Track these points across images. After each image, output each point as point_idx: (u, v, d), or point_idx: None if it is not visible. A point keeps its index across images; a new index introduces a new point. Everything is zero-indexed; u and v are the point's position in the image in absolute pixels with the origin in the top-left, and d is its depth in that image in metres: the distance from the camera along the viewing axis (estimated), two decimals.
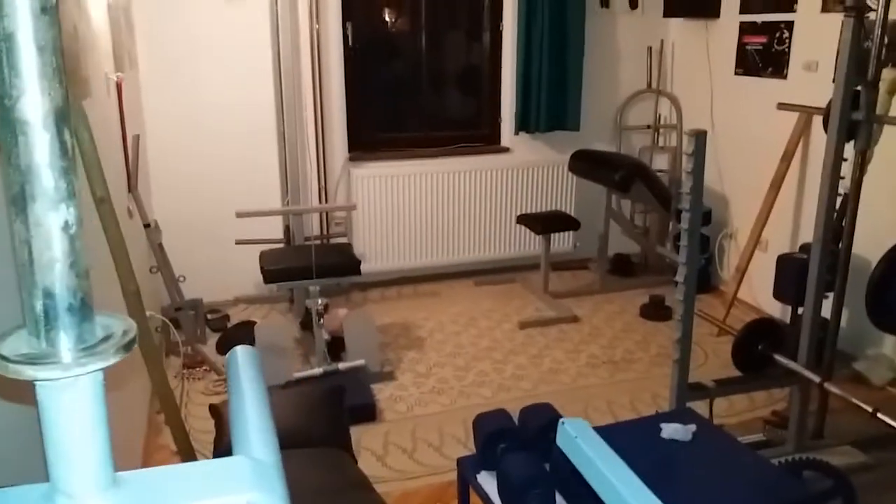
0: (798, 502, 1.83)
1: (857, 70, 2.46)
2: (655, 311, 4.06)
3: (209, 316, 3.89)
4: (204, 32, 3.86)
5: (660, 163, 4.85)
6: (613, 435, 2.09)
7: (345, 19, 4.16)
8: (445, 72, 4.68)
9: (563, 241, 4.68)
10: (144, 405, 2.91)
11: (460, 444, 2.78)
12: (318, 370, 3.12)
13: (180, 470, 0.69)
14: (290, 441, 1.90)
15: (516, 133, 4.55)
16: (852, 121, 2.53)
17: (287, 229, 3.99)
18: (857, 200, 2.65)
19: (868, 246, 3.12)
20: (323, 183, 4.25)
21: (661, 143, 4.88)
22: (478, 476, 1.89)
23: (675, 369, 2.43)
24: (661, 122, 4.85)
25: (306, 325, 3.59)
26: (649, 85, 4.78)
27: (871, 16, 2.51)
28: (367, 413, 2.94)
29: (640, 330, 3.93)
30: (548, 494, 1.69)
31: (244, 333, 3.41)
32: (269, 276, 3.15)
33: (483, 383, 3.31)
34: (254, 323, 3.26)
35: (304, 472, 1.61)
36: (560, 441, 0.82)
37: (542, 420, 1.96)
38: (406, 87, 4.60)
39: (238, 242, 3.94)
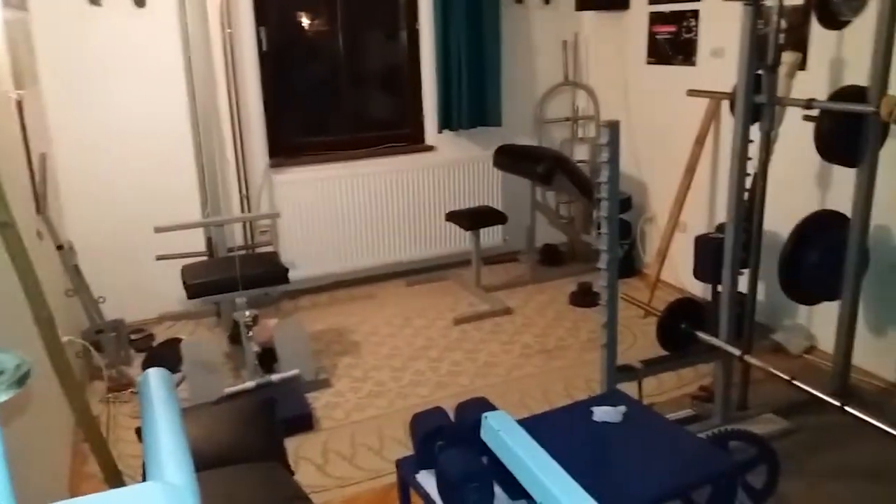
0: (725, 472, 1.90)
1: (758, 55, 2.58)
2: (584, 297, 4.15)
3: (133, 336, 3.75)
4: (110, 44, 3.71)
5: (580, 154, 4.96)
6: (547, 422, 2.14)
7: (258, 24, 4.08)
8: (365, 73, 4.65)
9: (492, 236, 4.72)
10: (69, 434, 2.79)
11: (401, 446, 2.78)
12: (250, 384, 3.05)
13: (90, 501, 0.66)
14: (222, 459, 1.85)
15: (440, 131, 4.57)
16: (756, 104, 2.65)
17: (209, 241, 3.88)
18: (765, 179, 2.77)
19: (780, 222, 3.28)
20: (245, 191, 4.16)
21: (580, 135, 4.98)
22: (417, 476, 1.89)
23: (604, 353, 2.49)
24: (579, 113, 4.96)
25: (235, 338, 3.50)
26: (566, 78, 4.88)
27: (769, 2, 2.63)
28: (304, 423, 2.90)
29: (570, 317, 4.02)
30: (485, 487, 1.70)
31: (170, 352, 3.30)
32: (193, 290, 3.06)
33: (420, 382, 3.31)
34: (180, 340, 3.15)
35: (238, 490, 1.57)
36: (484, 435, 0.82)
37: (478, 414, 1.96)
38: (326, 90, 4.55)
39: (159, 258, 3.82)
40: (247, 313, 3.08)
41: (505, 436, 0.75)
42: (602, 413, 2.09)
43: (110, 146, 3.82)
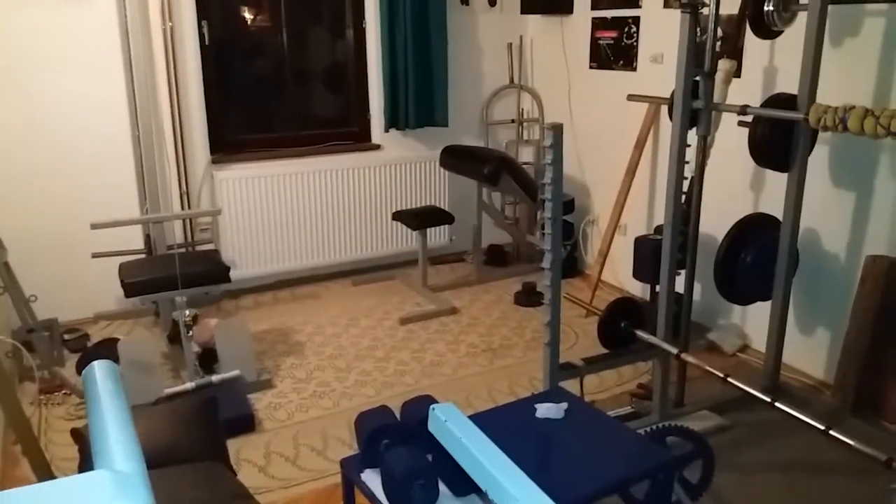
0: (662, 467, 1.96)
1: (696, 62, 2.67)
2: (528, 297, 4.21)
3: (66, 336, 3.62)
4: (43, 35, 3.57)
5: (525, 155, 5.02)
6: (492, 419, 2.16)
7: (200, 18, 3.99)
8: (311, 70, 4.61)
9: (439, 236, 4.74)
10: None
11: (345, 446, 2.76)
12: (189, 385, 2.98)
13: (38, 490, 0.64)
14: (162, 459, 1.81)
15: (386, 130, 4.55)
16: (693, 109, 2.73)
17: (148, 238, 3.78)
18: (701, 183, 2.86)
19: (716, 225, 3.39)
20: (185, 188, 4.06)
21: (525, 137, 5.05)
22: (362, 475, 1.88)
23: (547, 352, 2.53)
24: (525, 116, 5.02)
25: (174, 338, 3.42)
26: (511, 80, 4.94)
27: (706, 11, 2.72)
28: (246, 424, 2.85)
29: (515, 316, 4.06)
30: (430, 484, 1.71)
31: (106, 352, 3.19)
32: (130, 289, 2.97)
33: (366, 383, 3.29)
34: (116, 340, 3.06)
35: (179, 490, 1.53)
36: (431, 426, 0.83)
37: (423, 413, 1.96)
38: (270, 87, 4.48)
39: (95, 256, 3.69)
40: (186, 313, 3.01)
41: (452, 426, 0.76)
42: (544, 410, 2.13)
43: (44, 141, 3.67)
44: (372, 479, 1.85)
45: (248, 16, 4.33)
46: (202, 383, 3.01)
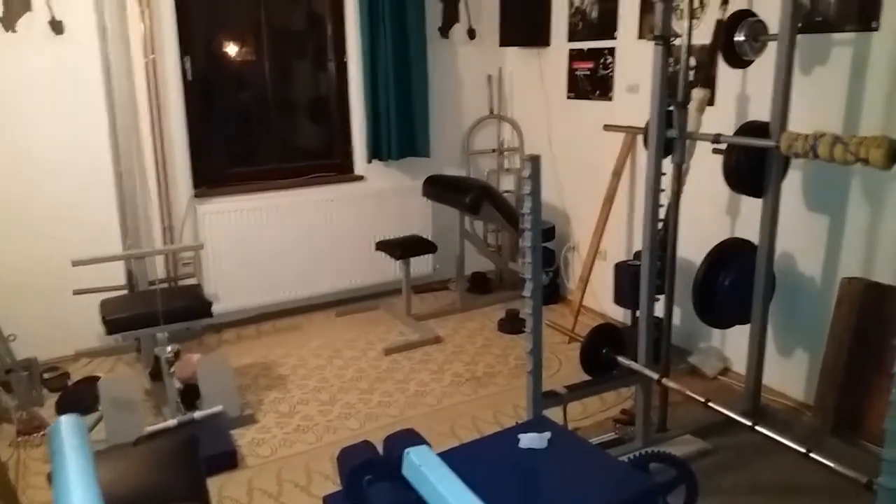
0: (645, 494, 1.97)
1: (669, 92, 2.73)
2: (511, 324, 4.22)
3: (46, 375, 3.57)
4: (26, 71, 3.58)
5: (506, 184, 5.08)
6: (475, 451, 2.16)
7: (182, 53, 4.03)
8: (294, 103, 4.65)
9: (422, 265, 4.75)
10: None
11: (329, 481, 2.74)
12: (172, 422, 2.96)
13: None
14: (143, 502, 1.79)
15: (369, 161, 4.59)
16: (668, 138, 2.79)
17: (130, 274, 3.76)
18: (677, 210, 2.91)
19: (693, 250, 3.43)
20: (167, 223, 4.06)
21: (506, 166, 5.11)
22: None
23: (530, 380, 2.54)
24: (505, 145, 5.09)
25: (156, 374, 3.39)
26: (491, 111, 5.01)
27: (679, 42, 2.80)
28: (228, 461, 2.82)
29: (499, 344, 4.07)
30: None
31: (87, 390, 3.16)
32: (112, 325, 2.96)
33: (349, 415, 3.28)
34: (97, 378, 3.03)
35: None
36: (406, 471, 0.84)
37: (407, 447, 1.97)
38: (253, 121, 4.52)
39: (76, 293, 3.67)
40: (168, 349, 2.99)
41: (426, 471, 0.77)
42: (528, 440, 2.13)
43: (25, 176, 3.66)
44: None
45: (230, 51, 4.38)
46: (184, 420, 2.98)
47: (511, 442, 2.15)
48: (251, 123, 4.51)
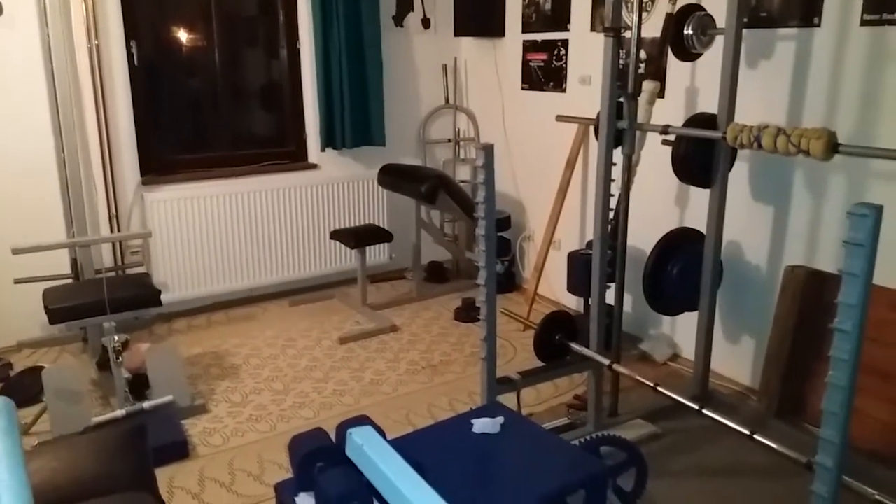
0: (596, 477, 2.00)
1: (620, 83, 2.77)
2: (467, 313, 4.24)
3: None
4: None
5: (463, 174, 5.09)
6: (429, 437, 2.17)
7: (128, 38, 3.91)
8: (245, 90, 4.56)
9: (378, 254, 4.74)
10: None
11: (282, 470, 2.72)
12: (120, 412, 2.89)
13: None
14: (85, 492, 1.75)
15: (323, 149, 4.54)
16: (618, 129, 2.83)
17: (75, 263, 3.65)
18: (627, 200, 2.96)
19: (644, 240, 3.50)
20: (114, 210, 3.95)
21: (462, 156, 5.12)
22: (296, 499, 1.86)
23: (484, 367, 2.56)
24: (461, 135, 5.09)
25: (104, 365, 3.30)
26: (447, 100, 5.00)
27: (629, 34, 2.84)
28: (179, 451, 2.77)
29: (455, 333, 4.09)
30: None
31: (30, 381, 3.07)
32: (55, 315, 2.87)
33: (304, 404, 3.25)
34: (41, 368, 2.94)
35: None
36: (349, 451, 0.84)
37: None
38: (203, 107, 4.42)
39: (17, 281, 3.55)
40: (115, 338, 2.92)
41: (368, 450, 0.77)
42: (481, 425, 2.15)
43: None
44: (306, 502, 1.82)
45: (179, 36, 4.27)
46: (133, 410, 2.92)
47: (464, 427, 2.16)
48: (201, 110, 4.42)
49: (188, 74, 4.38)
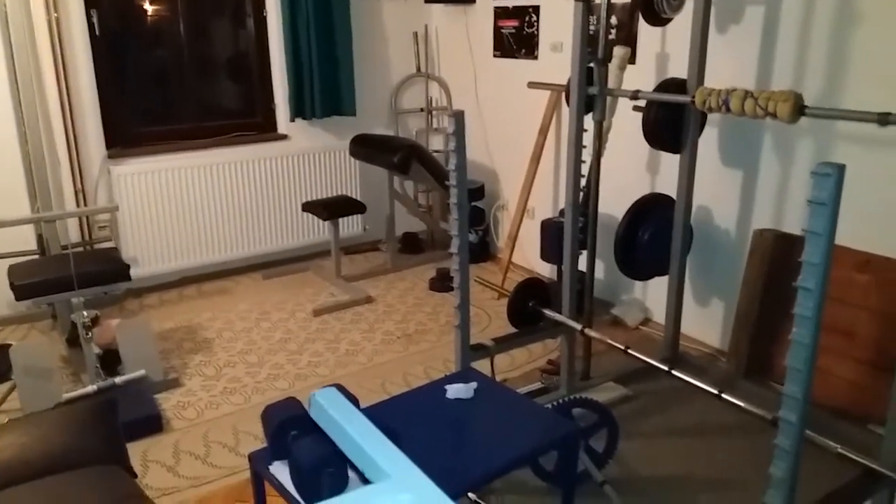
0: (567, 438, 2.03)
1: (590, 49, 2.75)
2: (442, 283, 4.25)
3: None
4: None
5: (436, 143, 5.05)
6: (404, 403, 2.18)
7: (88, 7, 3.80)
8: (211, 60, 4.47)
9: (351, 225, 4.71)
10: None
11: (258, 441, 2.72)
12: (91, 388, 2.86)
13: None
14: (55, 466, 1.73)
15: (292, 120, 4.48)
16: (589, 95, 2.83)
17: (41, 239, 3.58)
18: (598, 166, 2.97)
19: (615, 206, 3.53)
20: (80, 185, 3.87)
21: (434, 125, 5.08)
22: (270, 467, 1.86)
23: (458, 334, 2.57)
24: (433, 104, 5.05)
25: (74, 341, 3.27)
26: (418, 69, 4.95)
27: (599, 0, 2.82)
28: (152, 425, 2.76)
29: (430, 302, 4.10)
30: (339, 472, 1.71)
31: None
32: (21, 291, 2.82)
33: (278, 376, 3.25)
34: (8, 346, 2.89)
35: (68, 495, 1.47)
36: (312, 412, 0.84)
37: None
38: (169, 78, 4.32)
39: None
40: (85, 314, 2.88)
41: (332, 411, 0.77)
42: (455, 390, 2.16)
43: None
44: (281, 471, 1.83)
45: (141, 4, 4.15)
46: (104, 386, 2.89)
47: (438, 393, 2.18)
48: (167, 81, 4.32)
49: (152, 45, 4.27)
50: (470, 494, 2.34)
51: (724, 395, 2.28)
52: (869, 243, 2.70)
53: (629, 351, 2.55)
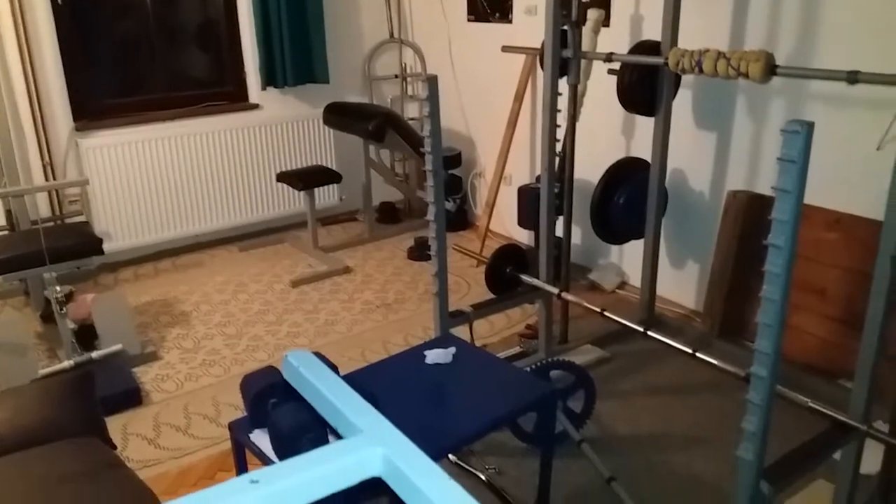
0: (545, 399, 2.06)
1: (564, 11, 2.73)
2: (421, 251, 4.25)
3: None
4: None
5: (411, 111, 5.01)
6: (384, 369, 2.19)
7: None
8: (179, 27, 4.36)
9: (327, 195, 4.67)
10: None
11: (238, 411, 2.72)
12: (68, 363, 2.84)
13: None
14: (34, 439, 1.72)
15: (264, 88, 4.40)
16: (563, 58, 2.81)
17: (9, 214, 3.52)
18: (573, 130, 2.96)
19: (591, 171, 3.52)
20: (48, 159, 3.79)
21: (410, 92, 5.03)
22: (251, 435, 1.87)
23: (436, 301, 2.58)
24: (408, 71, 4.99)
25: (48, 317, 3.23)
26: (392, 34, 4.88)
27: None
28: (131, 398, 2.75)
29: (408, 271, 4.10)
30: (319, 437, 1.72)
31: None
32: None
33: (258, 347, 3.24)
34: None
35: (50, 467, 1.47)
36: (286, 374, 0.83)
37: None
38: (136, 47, 4.22)
39: None
40: (58, 289, 2.84)
41: (304, 371, 0.77)
42: (433, 355, 2.18)
43: None
44: (261, 438, 1.84)
45: None
46: (81, 361, 2.87)
47: (417, 359, 2.19)
48: (134, 51, 4.22)
49: (118, 13, 4.16)
50: (451, 457, 2.37)
51: (698, 354, 2.32)
52: (839, 202, 2.74)
53: (605, 313, 2.58)
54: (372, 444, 0.60)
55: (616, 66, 2.93)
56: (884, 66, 2.06)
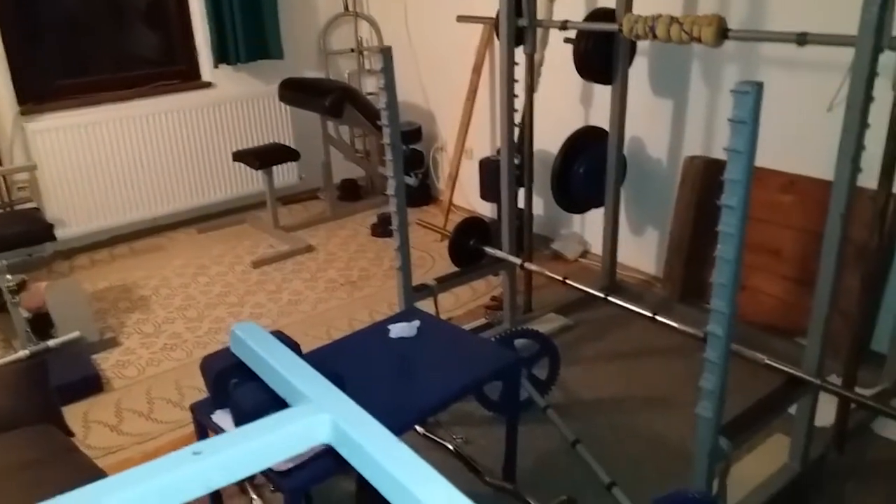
0: (509, 367, 2.08)
1: None
2: (384, 228, 4.21)
3: None
4: None
5: (369, 86, 4.94)
6: (348, 345, 2.18)
7: None
8: (126, 4, 4.22)
9: (286, 174, 4.60)
10: None
11: (202, 393, 2.64)
12: (23, 352, 2.77)
13: None
14: None
15: (216, 66, 4.30)
16: (519, 27, 2.79)
17: None
18: (531, 100, 2.95)
19: (551, 141, 3.52)
20: None
21: (367, 66, 4.95)
22: (213, 416, 1.85)
23: (399, 276, 2.57)
24: (364, 44, 4.91)
25: (1, 306, 3.14)
26: (346, 7, 4.79)
27: None
28: (91, 385, 2.70)
29: (372, 248, 4.08)
30: None
31: None
32: None
33: (220, 330, 3.20)
34: None
35: (5, 455, 1.43)
36: (233, 347, 0.82)
37: None
38: (82, 25, 4.07)
39: None
40: (9, 277, 2.76)
41: (252, 343, 0.75)
42: (398, 329, 2.17)
43: None
44: (223, 419, 1.82)
45: None
46: (37, 350, 2.80)
47: (381, 334, 2.18)
48: (80, 29, 4.08)
49: None
50: (418, 428, 2.38)
51: (658, 317, 2.36)
52: (793, 165, 2.79)
53: (567, 281, 2.60)
54: (319, 411, 0.59)
55: (572, 34, 2.92)
56: (832, 28, 2.08)
